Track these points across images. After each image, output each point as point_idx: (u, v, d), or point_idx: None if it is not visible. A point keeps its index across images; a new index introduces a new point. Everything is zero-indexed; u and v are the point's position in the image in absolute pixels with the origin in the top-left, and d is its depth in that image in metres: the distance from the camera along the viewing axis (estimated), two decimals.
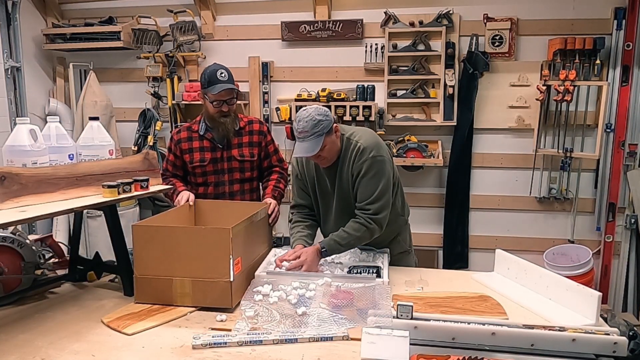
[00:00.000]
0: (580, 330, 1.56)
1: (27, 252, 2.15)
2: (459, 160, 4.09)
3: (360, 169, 2.21)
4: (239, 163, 2.65)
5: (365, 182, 2.21)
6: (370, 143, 2.23)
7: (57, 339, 1.72)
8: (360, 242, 2.25)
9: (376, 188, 2.20)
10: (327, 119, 2.16)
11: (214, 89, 2.48)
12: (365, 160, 2.20)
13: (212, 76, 2.49)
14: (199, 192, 2.67)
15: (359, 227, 2.21)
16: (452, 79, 3.95)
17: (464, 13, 3.98)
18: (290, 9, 4.21)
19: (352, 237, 2.21)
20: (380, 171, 2.21)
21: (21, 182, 1.85)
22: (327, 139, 2.16)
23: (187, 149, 2.65)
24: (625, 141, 3.81)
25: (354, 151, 2.23)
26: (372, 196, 2.20)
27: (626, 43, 3.70)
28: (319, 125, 2.12)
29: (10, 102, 4.03)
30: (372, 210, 2.20)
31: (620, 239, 3.94)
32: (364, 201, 2.22)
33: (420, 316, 1.62)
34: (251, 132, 2.68)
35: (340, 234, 2.22)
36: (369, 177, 2.20)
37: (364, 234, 2.21)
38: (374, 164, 2.20)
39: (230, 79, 2.53)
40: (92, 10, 4.48)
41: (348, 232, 2.21)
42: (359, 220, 2.22)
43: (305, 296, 1.93)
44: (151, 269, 1.95)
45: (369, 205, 2.21)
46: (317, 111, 2.16)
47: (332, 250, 2.22)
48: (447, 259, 4.24)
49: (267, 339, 1.66)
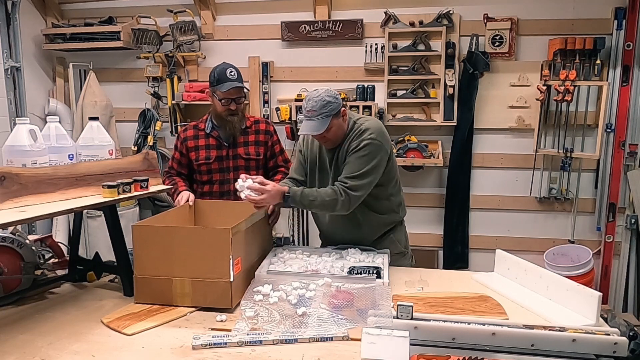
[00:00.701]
0: (581, 331, 1.56)
1: (26, 253, 2.14)
2: (459, 161, 4.09)
3: (356, 146, 2.24)
4: (244, 161, 2.65)
5: (354, 158, 2.23)
6: (374, 128, 2.27)
7: (56, 339, 1.72)
8: (324, 208, 2.25)
9: (363, 167, 2.22)
10: (336, 102, 2.20)
11: (223, 86, 2.49)
12: (363, 140, 2.23)
13: (222, 74, 2.51)
14: (204, 190, 2.68)
15: (331, 192, 2.22)
16: (452, 79, 3.95)
17: (464, 13, 3.98)
18: (290, 9, 4.21)
19: (318, 198, 2.21)
20: (372, 153, 2.23)
21: (21, 182, 1.85)
22: (334, 121, 2.21)
23: (193, 146, 2.66)
24: (625, 141, 3.81)
25: (356, 131, 2.27)
26: (356, 172, 2.22)
27: (626, 43, 3.70)
28: (327, 106, 2.17)
29: (10, 102, 4.03)
30: (349, 184, 2.21)
31: (621, 239, 3.94)
32: (347, 175, 2.23)
33: (421, 316, 1.61)
34: (257, 131, 2.69)
35: (310, 190, 2.25)
36: (360, 156, 2.23)
37: (331, 201, 2.21)
38: (369, 145, 2.22)
39: (240, 78, 2.54)
40: (91, 10, 4.48)
41: (319, 191, 2.24)
42: (333, 187, 2.24)
43: (305, 296, 1.93)
44: (151, 269, 1.95)
45: (349, 179, 2.22)
46: (327, 93, 2.21)
47: (294, 198, 2.22)
48: (447, 259, 4.23)
49: (267, 340, 1.66)
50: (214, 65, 2.63)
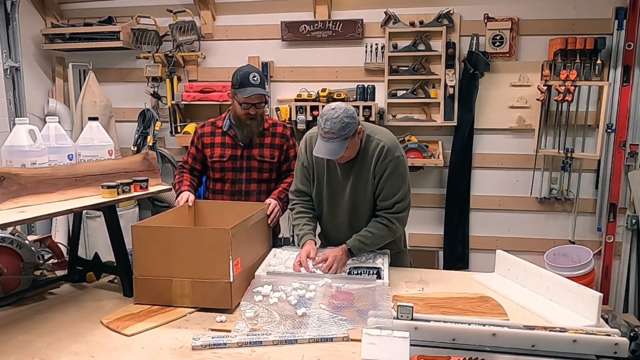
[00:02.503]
0: (581, 331, 1.56)
1: (26, 253, 2.14)
2: (460, 161, 4.09)
3: (386, 168, 2.25)
4: (258, 163, 2.64)
5: (391, 181, 2.26)
6: (393, 143, 2.29)
7: (56, 340, 1.72)
8: (383, 241, 2.31)
9: (400, 187, 2.27)
10: (354, 122, 2.14)
11: (245, 91, 2.48)
12: (391, 160, 2.25)
13: (245, 78, 2.48)
14: (216, 187, 2.69)
15: (381, 226, 2.27)
16: (453, 79, 3.94)
17: (464, 13, 3.98)
18: (290, 9, 4.20)
19: (375, 237, 2.27)
20: (404, 171, 2.30)
21: (20, 183, 1.85)
22: (351, 142, 2.17)
23: (208, 143, 2.66)
24: (626, 141, 3.80)
25: (376, 150, 2.25)
26: (397, 195, 2.26)
27: (627, 43, 3.69)
28: (346, 128, 2.10)
29: (10, 102, 4.02)
30: (395, 209, 2.27)
31: (621, 240, 3.93)
32: (389, 199, 2.27)
33: (421, 317, 1.61)
34: (274, 134, 2.68)
35: (364, 234, 2.27)
36: (395, 177, 2.26)
37: (386, 233, 2.28)
38: (399, 164, 2.26)
39: (262, 83, 2.53)
40: (91, 10, 4.47)
41: (372, 231, 2.27)
42: (381, 220, 2.28)
43: (305, 297, 1.92)
44: (150, 269, 1.95)
45: (394, 203, 2.27)
46: (345, 113, 2.12)
47: (358, 250, 2.26)
48: (447, 260, 4.23)
49: (267, 340, 1.65)
50: (213, 66, 2.63)
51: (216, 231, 1.92)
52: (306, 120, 4.06)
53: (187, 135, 4.10)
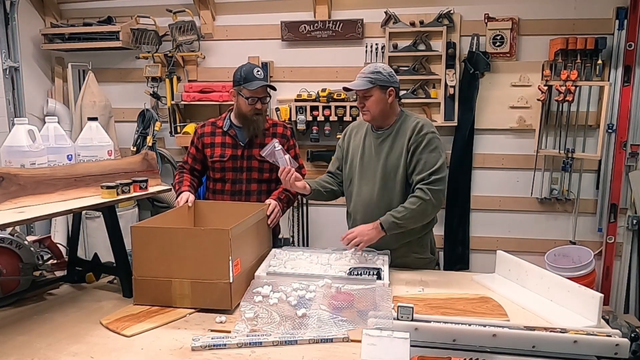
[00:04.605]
0: (582, 332, 1.55)
1: (25, 253, 2.14)
2: (460, 161, 4.08)
3: (422, 140, 2.28)
4: (258, 163, 2.64)
5: (427, 154, 2.28)
6: (430, 125, 2.34)
7: (55, 340, 1.71)
8: (417, 218, 2.25)
9: (437, 160, 2.27)
10: (386, 76, 2.29)
11: (252, 84, 2.51)
12: (426, 133, 2.29)
13: (249, 73, 2.52)
14: (216, 187, 2.70)
15: (415, 199, 2.24)
16: (453, 79, 3.94)
17: (464, 13, 3.97)
18: (290, 9, 4.20)
19: (408, 211, 2.22)
20: (439, 147, 2.30)
21: (19, 183, 1.85)
22: (377, 92, 2.28)
23: (209, 143, 2.67)
24: (627, 142, 3.80)
25: (412, 125, 2.32)
26: (433, 167, 2.26)
27: (628, 43, 3.69)
28: (376, 74, 2.27)
29: (9, 102, 4.02)
30: (431, 179, 2.24)
31: (622, 240, 3.92)
32: (426, 171, 2.26)
33: (421, 318, 1.61)
34: (274, 134, 2.69)
35: (397, 209, 2.25)
36: (430, 150, 2.28)
37: (420, 207, 2.22)
38: (434, 139, 2.30)
39: (265, 79, 2.57)
40: (90, 10, 4.47)
41: (405, 206, 2.25)
42: (415, 193, 2.25)
43: (305, 297, 1.92)
44: (150, 270, 1.94)
45: (430, 174, 2.25)
46: (383, 66, 2.34)
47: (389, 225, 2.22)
48: (447, 260, 4.22)
49: (266, 341, 1.65)
50: (213, 66, 2.63)
51: (216, 232, 1.91)
52: (306, 121, 4.06)
53: (186, 135, 4.09)
